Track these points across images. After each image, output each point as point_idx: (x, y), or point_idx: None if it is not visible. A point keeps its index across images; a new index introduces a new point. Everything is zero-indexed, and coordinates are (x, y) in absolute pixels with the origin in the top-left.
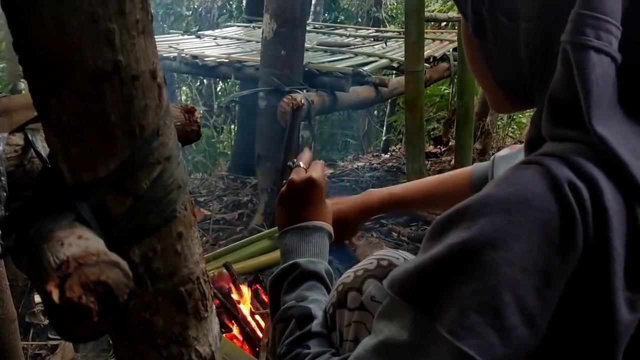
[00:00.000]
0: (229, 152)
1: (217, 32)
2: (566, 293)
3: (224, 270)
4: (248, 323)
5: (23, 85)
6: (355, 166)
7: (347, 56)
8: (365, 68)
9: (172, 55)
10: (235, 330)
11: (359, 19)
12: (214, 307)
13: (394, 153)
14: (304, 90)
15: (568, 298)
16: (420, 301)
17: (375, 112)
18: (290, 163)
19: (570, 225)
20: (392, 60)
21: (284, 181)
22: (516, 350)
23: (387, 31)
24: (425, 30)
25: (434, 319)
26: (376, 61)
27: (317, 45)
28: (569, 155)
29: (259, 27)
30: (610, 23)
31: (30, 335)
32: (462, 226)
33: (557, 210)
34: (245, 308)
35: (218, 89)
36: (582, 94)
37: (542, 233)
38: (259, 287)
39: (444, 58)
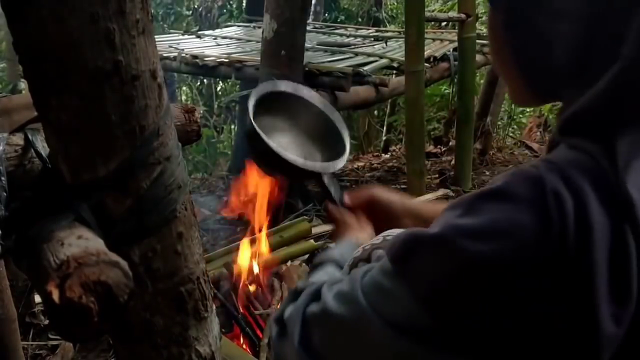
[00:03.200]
0: (229, 152)
1: (217, 32)
2: (546, 303)
3: (224, 270)
4: (248, 323)
5: (23, 85)
6: (355, 166)
7: (347, 56)
8: (366, 68)
9: (172, 55)
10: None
11: (359, 19)
12: (214, 307)
13: (394, 153)
14: None
15: (550, 310)
16: (402, 259)
17: (375, 112)
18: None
19: (546, 235)
20: (392, 60)
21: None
22: (478, 333)
23: (387, 31)
24: (425, 30)
25: (408, 278)
26: (376, 61)
27: (317, 45)
28: (565, 166)
29: (259, 27)
30: None
31: (30, 335)
32: (457, 211)
33: (539, 217)
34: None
35: (218, 89)
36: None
37: (520, 235)
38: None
39: (444, 58)
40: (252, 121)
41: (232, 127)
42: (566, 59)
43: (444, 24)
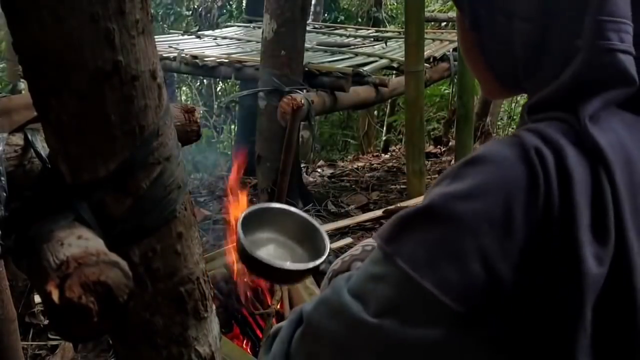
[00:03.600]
0: (229, 152)
1: (217, 32)
2: (536, 250)
3: (224, 270)
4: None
5: (23, 85)
6: (355, 166)
7: (347, 56)
8: (365, 68)
9: (172, 55)
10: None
11: (359, 19)
12: (214, 307)
13: (394, 153)
14: (304, 90)
15: (539, 256)
16: (391, 239)
17: (375, 112)
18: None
19: (534, 185)
20: (392, 60)
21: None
22: (473, 293)
23: (387, 31)
24: (425, 30)
25: (399, 255)
26: (376, 61)
27: (317, 45)
28: (541, 127)
29: (259, 27)
30: (627, 24)
31: (30, 335)
32: (444, 182)
33: (524, 171)
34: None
35: (218, 89)
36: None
37: (507, 190)
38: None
39: (444, 58)
40: (243, 239)
41: (232, 127)
42: (524, 54)
43: (444, 24)
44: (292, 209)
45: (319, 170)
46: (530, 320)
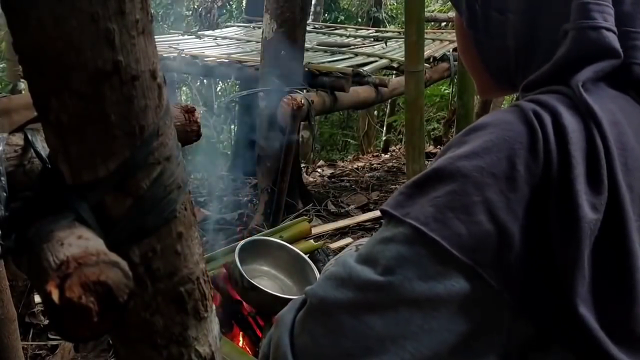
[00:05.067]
0: (229, 152)
1: (217, 32)
2: (537, 201)
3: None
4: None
5: (23, 85)
6: (355, 166)
7: (347, 56)
8: (365, 68)
9: (172, 55)
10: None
11: (359, 19)
12: (214, 307)
13: (394, 153)
14: (304, 90)
15: (540, 206)
16: (399, 205)
17: (375, 112)
18: None
19: (533, 141)
20: (392, 60)
21: None
22: (481, 243)
23: (387, 31)
24: (425, 31)
25: (408, 215)
26: (376, 61)
27: (317, 45)
28: (537, 96)
29: (259, 27)
30: (608, 7)
31: (30, 335)
32: (450, 151)
33: (524, 130)
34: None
35: (218, 89)
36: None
37: (510, 147)
38: None
39: (444, 58)
40: (241, 271)
41: (232, 127)
42: (517, 46)
43: (443, 24)
44: (284, 243)
45: (319, 170)
46: (534, 273)
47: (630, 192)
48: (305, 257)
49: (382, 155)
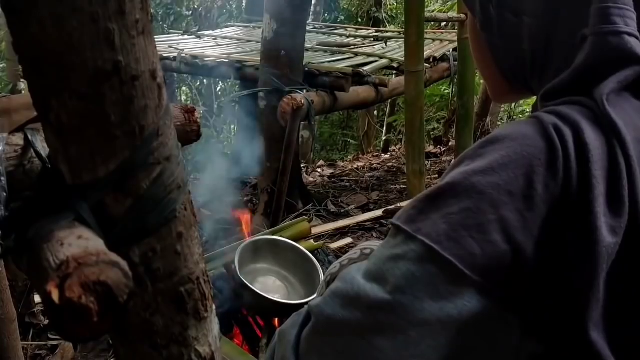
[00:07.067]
0: (229, 152)
1: (217, 32)
2: (554, 221)
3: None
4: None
5: (23, 85)
6: (355, 166)
7: (347, 56)
8: (365, 68)
9: (172, 55)
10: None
11: (359, 19)
12: (214, 307)
13: (394, 153)
14: (304, 90)
15: (557, 227)
16: (410, 220)
17: (375, 112)
18: None
19: (553, 158)
20: (392, 60)
21: None
22: (495, 264)
23: (387, 31)
24: (425, 31)
25: (420, 232)
26: (376, 61)
27: (317, 45)
28: (558, 108)
29: (259, 27)
30: (630, 10)
31: (30, 335)
32: (464, 164)
33: (543, 146)
34: None
35: (218, 89)
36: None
37: (528, 163)
38: None
39: (444, 58)
40: (238, 273)
41: (232, 127)
42: (532, 50)
43: (443, 24)
44: (290, 241)
45: (319, 170)
46: (547, 295)
47: None
48: (313, 257)
49: (382, 155)
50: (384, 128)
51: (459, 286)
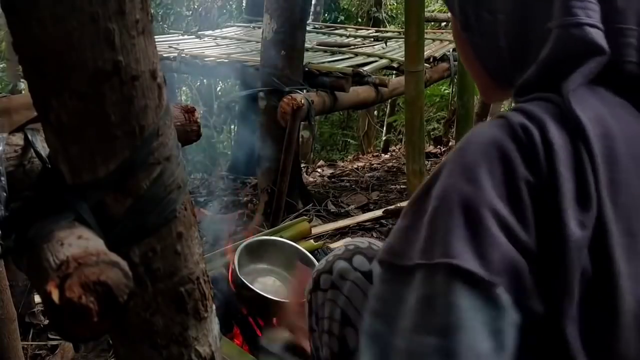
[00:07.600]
0: (228, 152)
1: (217, 32)
2: (537, 217)
3: (224, 270)
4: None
5: (23, 85)
6: (355, 166)
7: (347, 56)
8: (365, 68)
9: (172, 55)
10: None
11: (359, 19)
12: (214, 307)
13: (394, 153)
14: (304, 90)
15: (539, 222)
16: (420, 250)
17: (375, 112)
18: None
19: (524, 157)
20: (392, 60)
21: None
22: (501, 257)
23: (387, 31)
24: (425, 31)
25: (438, 258)
26: (376, 61)
27: (317, 45)
28: (525, 106)
29: (259, 27)
30: (592, 3)
31: (30, 335)
32: (443, 175)
33: (514, 147)
34: None
35: (218, 89)
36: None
37: (503, 164)
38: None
39: (444, 58)
40: (238, 273)
41: (232, 127)
42: (509, 46)
43: (443, 24)
44: (290, 242)
45: (319, 170)
46: (538, 291)
47: (615, 209)
48: (313, 258)
49: (382, 155)
50: (384, 128)
51: (499, 302)
